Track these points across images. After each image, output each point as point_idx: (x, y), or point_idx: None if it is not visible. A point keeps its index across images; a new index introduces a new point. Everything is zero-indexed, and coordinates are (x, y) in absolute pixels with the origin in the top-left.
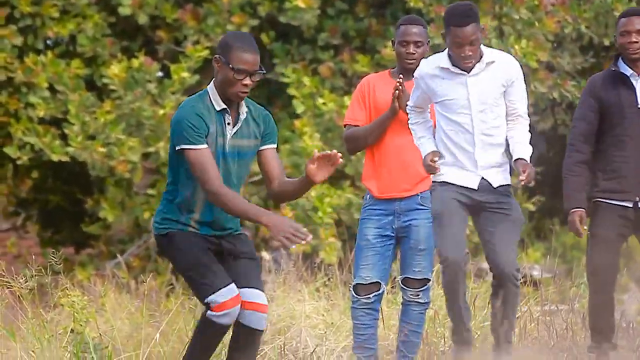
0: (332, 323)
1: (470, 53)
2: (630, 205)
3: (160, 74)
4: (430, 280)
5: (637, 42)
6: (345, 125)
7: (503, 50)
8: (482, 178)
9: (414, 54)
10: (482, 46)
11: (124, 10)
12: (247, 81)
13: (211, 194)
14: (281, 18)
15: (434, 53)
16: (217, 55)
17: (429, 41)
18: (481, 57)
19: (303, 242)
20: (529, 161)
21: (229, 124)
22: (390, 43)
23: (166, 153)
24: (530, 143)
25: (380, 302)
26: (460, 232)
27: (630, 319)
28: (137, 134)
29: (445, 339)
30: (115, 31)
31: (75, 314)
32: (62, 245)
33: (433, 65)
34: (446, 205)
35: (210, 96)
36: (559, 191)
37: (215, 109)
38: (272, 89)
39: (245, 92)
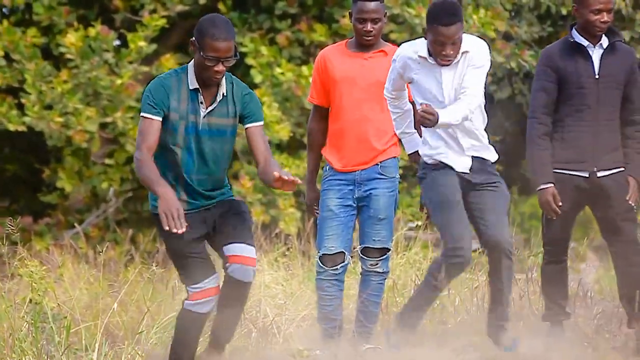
0: (291, 293)
1: (452, 52)
2: (587, 175)
3: (117, 43)
4: (389, 250)
5: (608, 21)
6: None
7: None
8: (473, 157)
9: (372, 31)
10: None
11: None
12: (219, 67)
13: (135, 159)
14: None
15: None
16: (192, 39)
17: (386, 13)
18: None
19: (175, 230)
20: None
21: (201, 103)
22: (347, 13)
23: (123, 123)
24: (486, 111)
25: (345, 273)
26: (466, 219)
27: (588, 288)
28: (95, 103)
29: None
30: (71, 0)
31: (33, 284)
32: (19, 215)
33: (412, 50)
34: (448, 191)
35: (188, 74)
36: (516, 160)
37: (188, 86)
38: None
39: (218, 77)
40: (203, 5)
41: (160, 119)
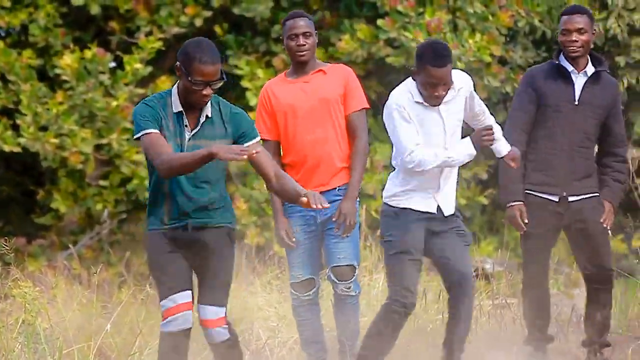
0: (284, 316)
1: (444, 93)
2: (557, 199)
3: (113, 64)
4: (357, 267)
5: (577, 41)
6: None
7: (457, 44)
8: (438, 206)
9: (304, 45)
10: None
11: (76, 1)
12: (207, 91)
13: (161, 165)
14: (235, 10)
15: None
16: (178, 63)
17: (316, 32)
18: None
19: (244, 157)
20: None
21: (186, 126)
22: (345, 36)
23: (119, 144)
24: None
25: (317, 295)
26: (418, 275)
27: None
28: (90, 125)
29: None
30: (67, 21)
31: (26, 304)
32: (13, 236)
33: (406, 97)
34: (412, 240)
35: (172, 97)
36: None
37: (173, 109)
38: (226, 81)
39: (206, 101)
40: (199, 28)
41: (158, 131)
